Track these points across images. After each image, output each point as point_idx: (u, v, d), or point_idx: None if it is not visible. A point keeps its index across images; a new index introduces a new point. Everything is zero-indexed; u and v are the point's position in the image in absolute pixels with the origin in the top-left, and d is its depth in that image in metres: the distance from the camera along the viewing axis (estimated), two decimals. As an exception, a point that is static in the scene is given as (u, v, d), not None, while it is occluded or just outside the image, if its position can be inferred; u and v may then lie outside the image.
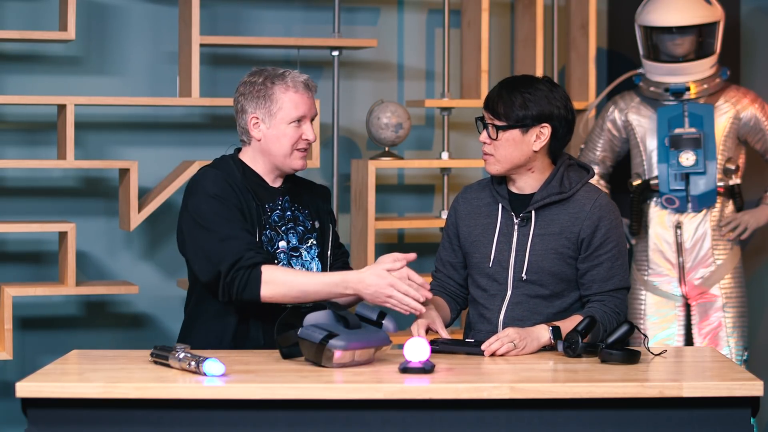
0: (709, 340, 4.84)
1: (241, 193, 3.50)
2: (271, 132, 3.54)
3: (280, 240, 3.55)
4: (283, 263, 3.52)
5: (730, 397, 2.96)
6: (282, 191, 3.60)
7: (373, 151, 5.17)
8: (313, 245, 3.60)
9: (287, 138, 3.53)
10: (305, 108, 3.55)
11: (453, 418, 2.94)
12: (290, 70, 3.58)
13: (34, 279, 4.87)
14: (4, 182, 4.88)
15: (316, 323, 3.13)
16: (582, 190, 3.48)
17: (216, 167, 3.57)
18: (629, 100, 4.96)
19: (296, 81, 3.55)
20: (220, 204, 3.45)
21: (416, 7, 5.30)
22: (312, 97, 3.58)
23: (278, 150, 3.54)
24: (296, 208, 3.61)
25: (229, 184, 3.49)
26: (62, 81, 4.90)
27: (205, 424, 2.93)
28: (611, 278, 3.45)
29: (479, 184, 3.62)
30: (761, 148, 4.93)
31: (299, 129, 3.55)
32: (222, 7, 5.07)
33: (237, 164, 3.58)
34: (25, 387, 2.92)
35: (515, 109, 3.40)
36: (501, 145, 3.42)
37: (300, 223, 3.60)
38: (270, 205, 3.56)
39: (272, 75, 3.55)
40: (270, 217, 3.54)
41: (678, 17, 4.79)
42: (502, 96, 3.41)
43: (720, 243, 4.84)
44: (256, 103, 3.54)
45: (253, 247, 3.41)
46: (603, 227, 3.44)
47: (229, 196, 3.47)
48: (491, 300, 3.50)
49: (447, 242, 3.62)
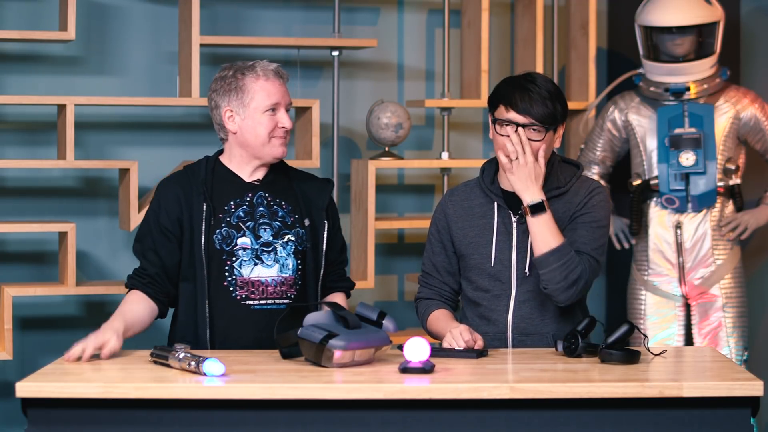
0: (709, 340, 4.84)
1: (185, 203, 3.52)
2: (246, 123, 3.53)
3: (241, 236, 3.52)
4: (242, 260, 3.50)
5: (730, 397, 2.96)
6: (257, 186, 3.58)
7: (373, 151, 5.17)
8: (290, 241, 3.55)
9: (263, 127, 3.52)
10: (278, 95, 3.54)
11: (453, 418, 2.94)
12: (259, 61, 3.58)
13: (34, 279, 4.87)
14: (4, 182, 4.88)
15: (316, 323, 3.14)
16: (578, 183, 3.52)
17: (178, 175, 3.60)
18: (629, 100, 4.96)
19: (266, 69, 3.55)
20: (154, 219, 3.54)
21: (416, 7, 5.30)
22: (284, 85, 3.56)
23: (255, 140, 3.53)
24: (276, 203, 3.58)
25: (176, 198, 3.52)
26: (62, 81, 4.90)
27: (205, 424, 2.93)
28: (585, 245, 3.42)
29: (465, 186, 3.61)
30: (761, 148, 4.93)
31: (274, 117, 3.53)
32: (222, 7, 5.07)
33: (209, 164, 3.59)
34: (25, 387, 2.92)
35: (557, 110, 3.41)
36: (539, 147, 3.42)
37: (278, 218, 3.56)
38: (236, 200, 3.54)
39: (242, 67, 3.56)
40: (232, 214, 3.53)
41: (678, 17, 4.79)
42: (545, 104, 3.39)
43: (720, 243, 4.84)
44: (229, 97, 3.54)
45: (145, 270, 3.51)
46: (591, 206, 3.46)
47: (165, 212, 3.52)
48: (495, 300, 3.49)
49: (439, 248, 3.60)
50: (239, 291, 3.50)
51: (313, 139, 4.77)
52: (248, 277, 3.51)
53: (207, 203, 3.51)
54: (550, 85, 3.43)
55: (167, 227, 3.52)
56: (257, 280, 3.52)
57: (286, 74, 3.60)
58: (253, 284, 3.51)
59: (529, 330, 3.48)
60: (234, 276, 3.50)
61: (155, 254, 3.52)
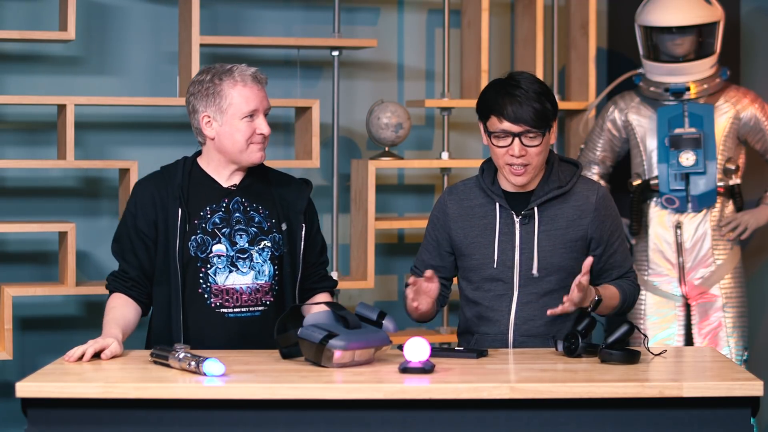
0: (709, 340, 4.84)
1: (161, 206, 3.51)
2: (223, 129, 3.50)
3: (216, 243, 3.50)
4: (217, 268, 3.49)
5: (730, 397, 2.96)
6: (234, 191, 3.55)
7: (373, 151, 5.17)
8: (266, 247, 3.53)
9: (240, 133, 3.49)
10: (256, 101, 3.50)
11: (453, 418, 2.94)
12: (238, 65, 3.54)
13: (34, 279, 4.87)
14: (4, 182, 4.87)
15: (316, 323, 3.13)
16: (579, 183, 3.51)
17: (154, 176, 3.60)
18: (629, 100, 4.96)
19: (244, 75, 3.51)
20: (131, 221, 3.54)
21: (416, 7, 5.30)
22: (262, 90, 3.53)
23: (232, 147, 3.50)
24: (253, 208, 3.55)
25: (152, 200, 3.52)
26: (62, 81, 4.90)
27: (205, 424, 2.93)
28: (626, 260, 3.56)
29: (464, 185, 3.59)
30: (761, 148, 4.93)
31: (252, 124, 3.50)
32: (222, 7, 5.06)
33: (187, 166, 3.57)
34: (25, 387, 2.92)
35: (547, 112, 3.39)
36: (539, 152, 3.41)
37: (255, 224, 3.54)
38: (212, 206, 3.52)
39: (219, 71, 3.52)
40: (208, 220, 3.51)
41: (678, 17, 4.79)
42: (532, 104, 3.37)
43: (720, 243, 4.84)
44: (206, 102, 3.50)
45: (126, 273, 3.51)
46: (609, 217, 3.51)
47: (141, 215, 3.52)
48: (497, 301, 3.48)
49: (433, 246, 3.59)
50: (213, 298, 3.49)
51: (313, 139, 4.77)
52: (223, 285, 3.50)
53: (182, 208, 3.49)
54: (536, 85, 3.40)
55: (144, 231, 3.51)
56: (231, 287, 3.50)
57: (265, 78, 3.56)
58: (228, 292, 3.50)
59: (531, 332, 3.47)
60: (208, 283, 3.49)
61: (134, 256, 3.52)
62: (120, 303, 3.50)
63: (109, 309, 3.49)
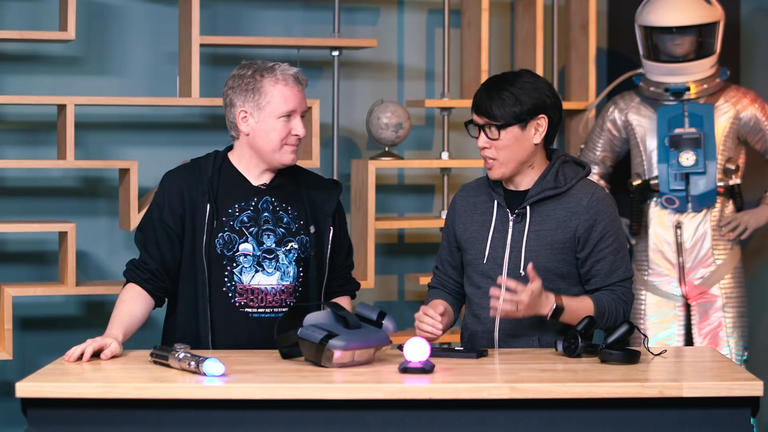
0: (709, 340, 4.84)
1: (189, 200, 3.47)
2: (259, 126, 3.48)
3: (243, 242, 3.48)
4: (243, 267, 3.47)
5: (730, 397, 2.96)
6: (264, 190, 3.54)
7: (373, 151, 5.17)
8: (293, 249, 3.51)
9: (276, 132, 3.47)
10: (295, 102, 3.48)
11: (453, 418, 2.94)
12: (280, 63, 3.52)
13: (34, 279, 4.87)
14: (4, 182, 4.88)
15: (316, 323, 3.13)
16: (578, 185, 3.47)
17: (185, 169, 3.55)
18: (629, 100, 4.96)
19: (286, 74, 3.49)
20: (157, 213, 3.50)
21: (416, 7, 5.30)
22: (302, 91, 3.51)
23: (266, 145, 3.48)
24: (282, 209, 3.53)
25: (180, 193, 3.48)
26: (62, 81, 4.90)
27: (205, 424, 2.93)
28: (615, 271, 3.45)
29: (477, 183, 3.61)
30: (761, 148, 4.93)
31: (289, 124, 3.48)
32: (222, 7, 5.06)
33: (218, 161, 3.54)
34: (25, 387, 2.92)
35: (509, 107, 3.37)
36: (504, 146, 3.40)
37: (283, 224, 3.52)
38: (241, 204, 3.50)
39: (261, 68, 3.50)
40: (236, 218, 3.49)
41: (678, 17, 4.79)
42: (492, 97, 3.38)
43: (720, 243, 4.84)
44: (245, 97, 3.48)
45: (145, 264, 3.48)
46: (601, 221, 3.43)
47: (168, 208, 3.48)
48: (485, 299, 3.45)
49: (446, 241, 3.62)
50: (238, 298, 3.48)
51: (313, 139, 4.77)
52: (248, 284, 3.48)
53: (211, 204, 3.47)
54: (520, 81, 3.39)
55: (170, 225, 3.48)
56: (257, 287, 3.49)
57: (305, 79, 3.54)
58: (253, 292, 3.49)
59: (515, 331, 3.46)
60: (234, 282, 3.48)
61: (156, 248, 3.49)
62: (131, 297, 3.47)
63: (119, 302, 3.47)
